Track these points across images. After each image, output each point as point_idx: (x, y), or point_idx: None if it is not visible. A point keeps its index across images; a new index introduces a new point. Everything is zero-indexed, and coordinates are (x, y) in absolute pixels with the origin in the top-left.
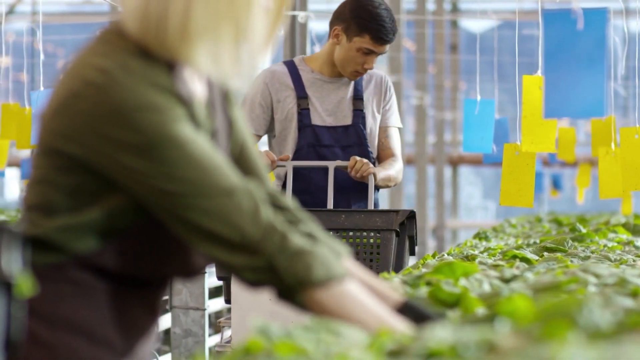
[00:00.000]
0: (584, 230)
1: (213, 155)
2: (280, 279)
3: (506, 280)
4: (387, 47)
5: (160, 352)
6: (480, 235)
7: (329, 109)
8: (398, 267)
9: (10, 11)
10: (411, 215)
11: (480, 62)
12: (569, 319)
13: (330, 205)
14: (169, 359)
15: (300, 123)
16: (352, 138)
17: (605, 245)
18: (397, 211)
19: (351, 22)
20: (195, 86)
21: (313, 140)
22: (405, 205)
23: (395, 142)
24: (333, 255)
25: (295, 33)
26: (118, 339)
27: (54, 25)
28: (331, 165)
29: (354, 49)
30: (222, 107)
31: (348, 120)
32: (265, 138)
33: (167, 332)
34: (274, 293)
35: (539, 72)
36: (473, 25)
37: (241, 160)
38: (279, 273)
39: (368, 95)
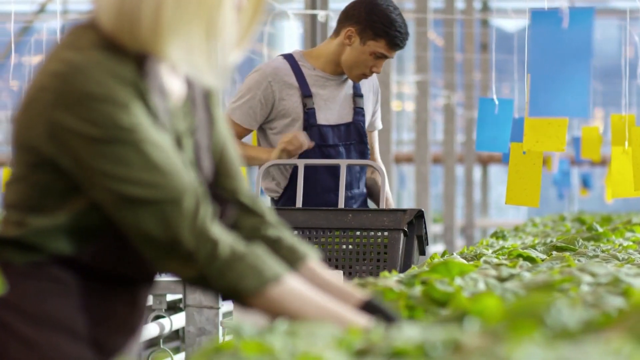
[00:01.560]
0: (600, 230)
1: (167, 155)
2: (213, 288)
3: (503, 280)
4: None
5: (175, 351)
6: (498, 235)
7: (332, 107)
8: (406, 267)
9: (41, 10)
10: (419, 215)
11: (510, 61)
12: (537, 319)
13: (341, 204)
14: (183, 357)
15: (307, 123)
16: (353, 135)
17: (620, 245)
18: (404, 210)
19: (367, 25)
20: (173, 82)
21: (319, 140)
22: (433, 204)
23: (377, 145)
24: (268, 258)
25: (316, 32)
26: (101, 336)
27: None
28: (343, 163)
29: (367, 52)
30: (204, 105)
31: (349, 118)
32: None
33: (181, 330)
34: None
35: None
36: (505, 23)
37: (221, 161)
38: (211, 283)
39: (364, 93)
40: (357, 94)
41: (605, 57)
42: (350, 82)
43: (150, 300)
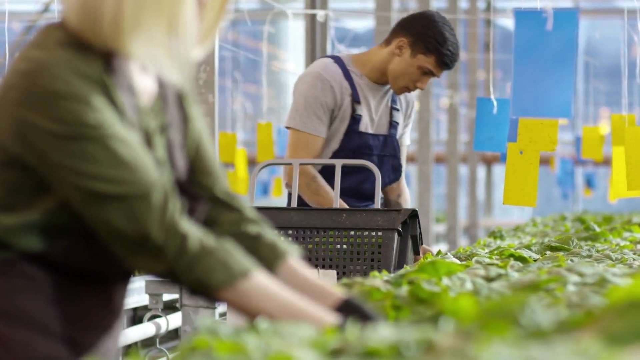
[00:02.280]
0: (598, 230)
1: (133, 150)
2: (182, 282)
3: (491, 279)
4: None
5: (172, 351)
6: (496, 234)
7: (373, 116)
8: (400, 266)
9: (45, 9)
10: (414, 215)
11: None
12: (511, 319)
13: (336, 204)
14: None
15: (350, 128)
16: (389, 149)
17: (617, 245)
18: (398, 210)
19: (420, 38)
20: (143, 80)
21: (356, 146)
22: (437, 204)
23: (404, 162)
24: (237, 253)
25: (316, 32)
26: (75, 333)
27: None
28: (338, 163)
29: (415, 65)
30: (177, 102)
31: (385, 130)
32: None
33: (178, 330)
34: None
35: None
36: (509, 23)
37: (196, 158)
38: (180, 277)
39: (399, 107)
40: (394, 107)
41: (611, 56)
42: (390, 94)
43: (146, 300)
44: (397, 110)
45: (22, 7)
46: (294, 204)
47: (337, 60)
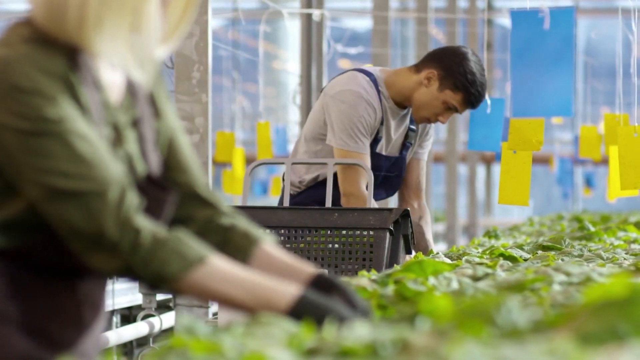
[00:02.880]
0: (593, 229)
1: (93, 147)
2: (140, 278)
3: (478, 279)
4: None
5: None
6: (491, 234)
7: (390, 138)
8: (392, 266)
9: None
10: (405, 214)
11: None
12: (487, 318)
13: (328, 203)
14: None
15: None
16: (396, 169)
17: (611, 244)
18: (390, 210)
19: (451, 74)
20: (111, 75)
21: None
22: (435, 204)
23: (423, 178)
24: (191, 241)
25: (312, 32)
26: (51, 330)
27: None
28: (330, 162)
29: (441, 99)
30: (148, 98)
31: (397, 152)
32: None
33: (171, 329)
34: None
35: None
36: (509, 22)
37: (170, 155)
38: (138, 272)
39: (416, 128)
40: (411, 128)
41: (611, 56)
42: (409, 116)
43: (140, 299)
44: (414, 131)
45: (18, 6)
46: (286, 203)
47: (372, 79)
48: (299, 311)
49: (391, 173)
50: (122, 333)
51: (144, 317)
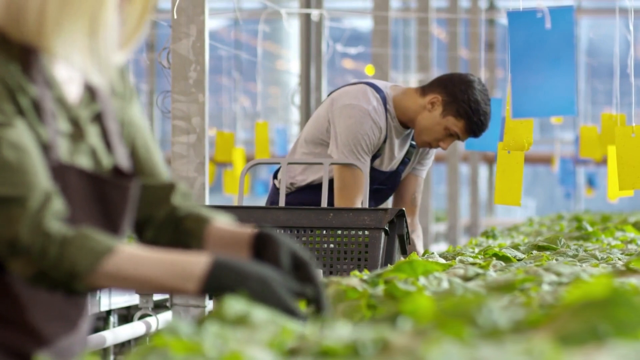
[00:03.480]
0: (590, 229)
1: (21, 152)
2: (55, 282)
3: (468, 279)
4: None
5: None
6: (489, 234)
7: (390, 156)
8: (387, 266)
9: None
10: (400, 214)
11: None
12: (468, 318)
13: (324, 204)
14: None
15: None
16: (389, 182)
17: (608, 244)
18: (385, 210)
19: (455, 101)
20: (67, 72)
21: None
22: (436, 203)
23: (419, 195)
24: (96, 235)
25: (311, 32)
26: (35, 323)
27: None
28: (326, 162)
29: (443, 125)
30: (112, 92)
31: (395, 167)
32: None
33: None
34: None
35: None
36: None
37: (135, 157)
38: (52, 277)
39: (416, 145)
40: (412, 144)
41: (613, 56)
42: (411, 134)
43: (137, 299)
44: (414, 147)
45: None
46: (282, 203)
47: (382, 97)
48: (216, 276)
49: (383, 185)
50: (118, 333)
51: (141, 317)
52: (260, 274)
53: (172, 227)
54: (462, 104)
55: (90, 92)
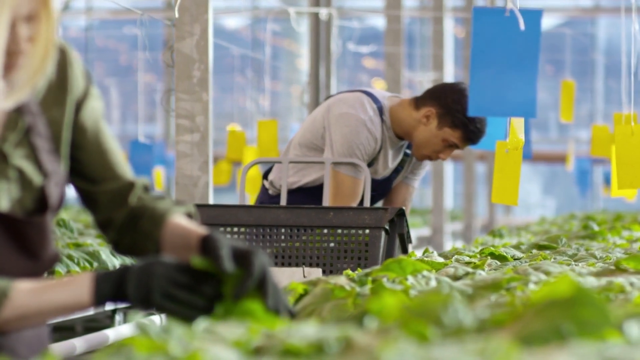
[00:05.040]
0: (596, 228)
1: None
2: None
3: (457, 278)
4: None
5: None
6: (495, 233)
7: (384, 165)
8: None
9: (65, 7)
10: (401, 213)
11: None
12: (434, 317)
13: (325, 202)
14: None
15: None
16: (380, 188)
17: (613, 243)
18: (386, 209)
19: (449, 112)
20: None
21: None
22: (451, 202)
23: (409, 203)
24: None
25: (320, 30)
26: None
27: (111, 21)
28: (327, 161)
29: (440, 137)
30: (42, 109)
31: (388, 174)
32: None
33: None
34: None
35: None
36: None
37: (87, 164)
38: None
39: (410, 153)
40: (406, 153)
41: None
42: (406, 144)
43: None
44: (407, 156)
45: None
46: (283, 202)
47: (379, 107)
48: (100, 283)
49: (374, 192)
50: (121, 331)
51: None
52: (139, 268)
53: (130, 229)
54: (456, 115)
55: (16, 113)
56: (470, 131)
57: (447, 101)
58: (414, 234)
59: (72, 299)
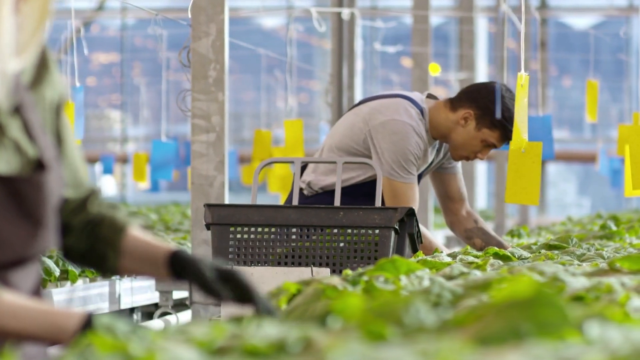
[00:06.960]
0: (614, 228)
1: None
2: None
3: (451, 278)
4: None
5: None
6: (514, 233)
7: (421, 167)
8: None
9: (100, 7)
10: (411, 213)
11: (573, 60)
12: (395, 317)
13: (337, 203)
14: None
15: None
16: None
17: (630, 243)
18: (395, 209)
19: (487, 113)
20: None
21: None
22: (482, 202)
23: (464, 189)
24: None
25: (343, 30)
26: None
27: (147, 20)
28: (339, 161)
29: (479, 138)
30: (32, 85)
31: (419, 172)
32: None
33: None
34: None
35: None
36: (572, 21)
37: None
38: None
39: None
40: (438, 149)
41: None
42: (437, 143)
43: (157, 298)
44: (438, 150)
45: (78, 4)
46: (295, 201)
47: (420, 111)
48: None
49: None
50: None
51: (161, 315)
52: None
53: (88, 234)
54: (494, 115)
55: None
56: (509, 130)
57: (484, 102)
58: (444, 233)
59: (51, 336)
